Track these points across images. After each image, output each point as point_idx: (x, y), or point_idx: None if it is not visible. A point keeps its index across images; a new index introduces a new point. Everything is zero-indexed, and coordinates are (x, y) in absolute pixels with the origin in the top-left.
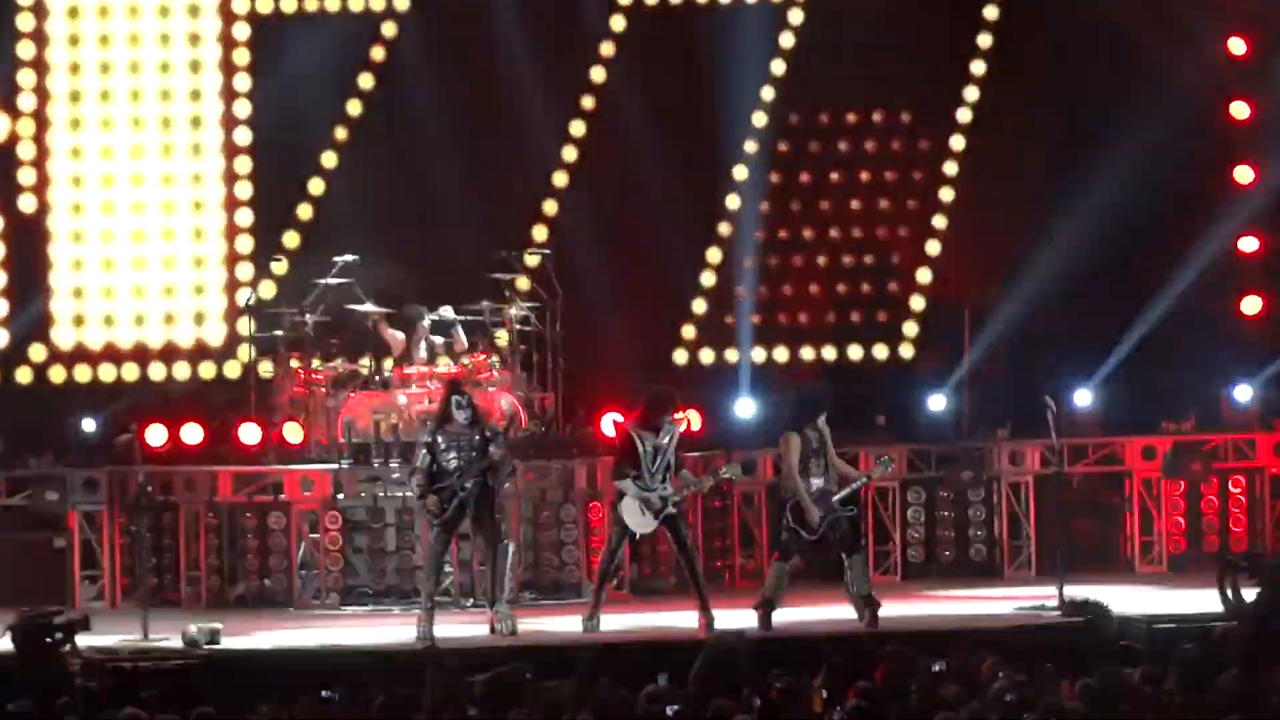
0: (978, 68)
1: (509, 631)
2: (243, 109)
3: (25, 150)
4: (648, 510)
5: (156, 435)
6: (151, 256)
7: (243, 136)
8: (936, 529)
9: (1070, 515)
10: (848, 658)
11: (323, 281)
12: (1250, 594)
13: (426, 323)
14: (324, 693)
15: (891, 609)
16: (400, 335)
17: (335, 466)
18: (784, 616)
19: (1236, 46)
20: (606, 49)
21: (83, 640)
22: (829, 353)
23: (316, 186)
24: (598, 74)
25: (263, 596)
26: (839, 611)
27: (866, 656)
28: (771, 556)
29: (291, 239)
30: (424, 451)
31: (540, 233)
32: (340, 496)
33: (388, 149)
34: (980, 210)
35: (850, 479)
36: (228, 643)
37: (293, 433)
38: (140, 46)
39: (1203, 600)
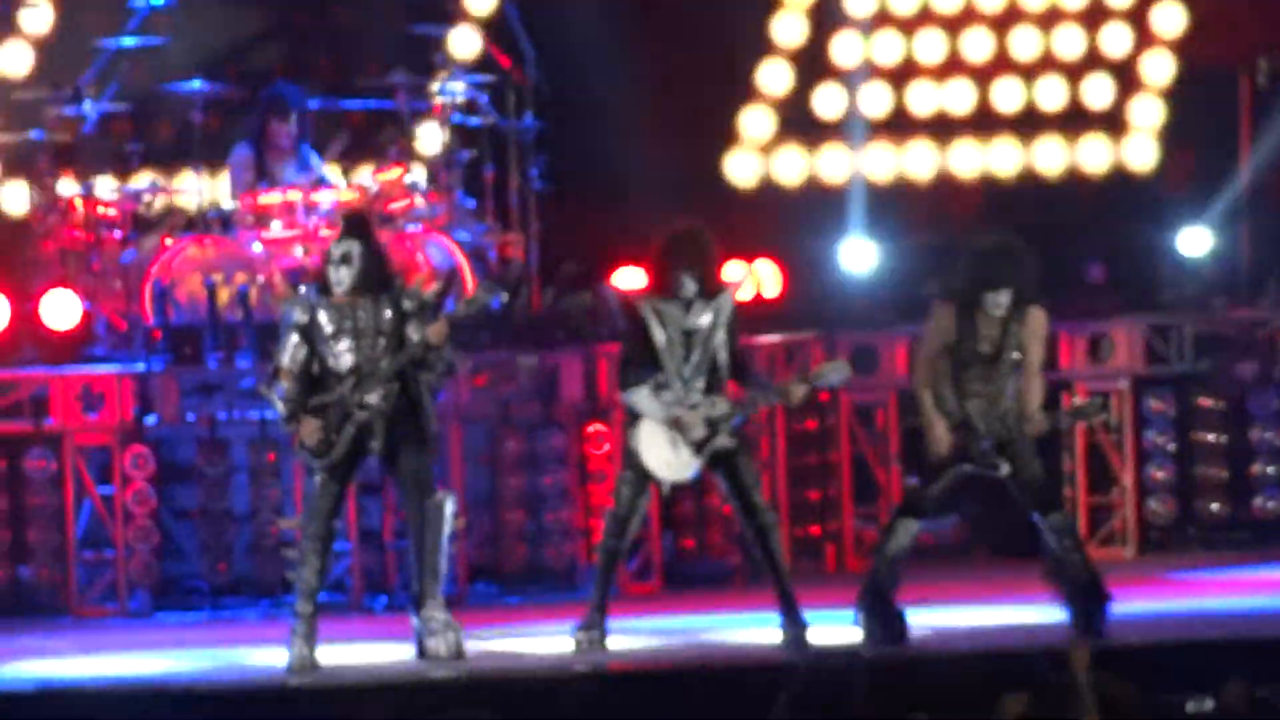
0: None
1: (450, 653)
2: None
3: None
4: (682, 443)
5: None
6: None
7: None
8: (1196, 465)
9: None
10: (1040, 693)
11: (115, 43)
12: None
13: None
14: None
15: (1123, 606)
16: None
17: (141, 368)
18: (930, 620)
19: None
20: None
21: None
22: (1006, 156)
23: None
24: None
25: (18, 597)
26: (1027, 612)
27: (1067, 687)
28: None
29: None
30: (293, 339)
31: None
32: (150, 420)
33: None
34: None
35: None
36: None
37: (63, 308)
38: None
39: None
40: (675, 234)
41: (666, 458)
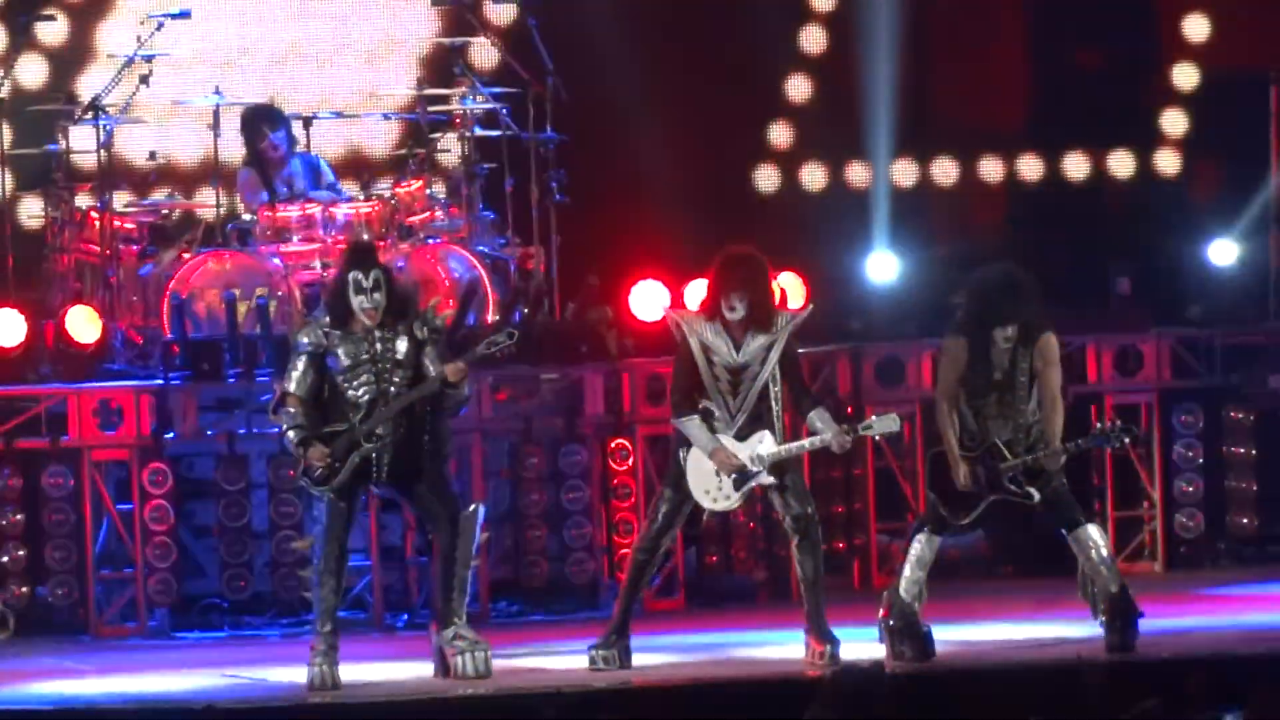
0: None
1: (478, 671)
2: None
3: None
4: (724, 476)
5: None
6: None
7: None
8: (1227, 478)
9: None
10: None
11: (130, 55)
12: None
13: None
14: None
15: (1152, 621)
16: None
17: (159, 384)
18: (956, 635)
19: None
20: None
21: None
22: (1030, 166)
23: None
24: None
25: (35, 617)
26: (1055, 628)
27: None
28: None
29: None
30: (302, 365)
31: None
32: (170, 436)
33: None
34: None
35: (1058, 443)
36: None
37: (82, 323)
38: None
39: None
40: (728, 257)
41: (709, 486)
